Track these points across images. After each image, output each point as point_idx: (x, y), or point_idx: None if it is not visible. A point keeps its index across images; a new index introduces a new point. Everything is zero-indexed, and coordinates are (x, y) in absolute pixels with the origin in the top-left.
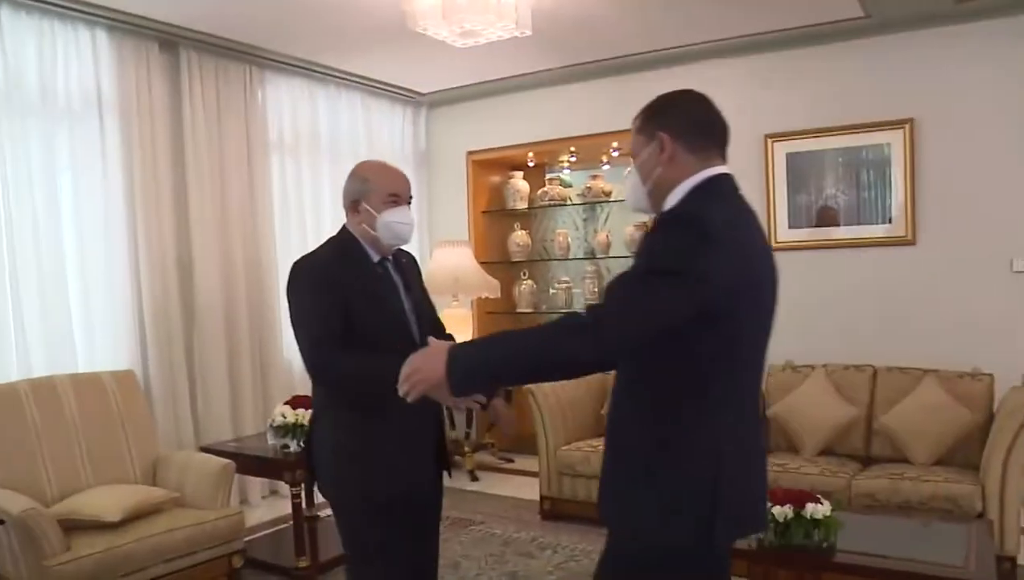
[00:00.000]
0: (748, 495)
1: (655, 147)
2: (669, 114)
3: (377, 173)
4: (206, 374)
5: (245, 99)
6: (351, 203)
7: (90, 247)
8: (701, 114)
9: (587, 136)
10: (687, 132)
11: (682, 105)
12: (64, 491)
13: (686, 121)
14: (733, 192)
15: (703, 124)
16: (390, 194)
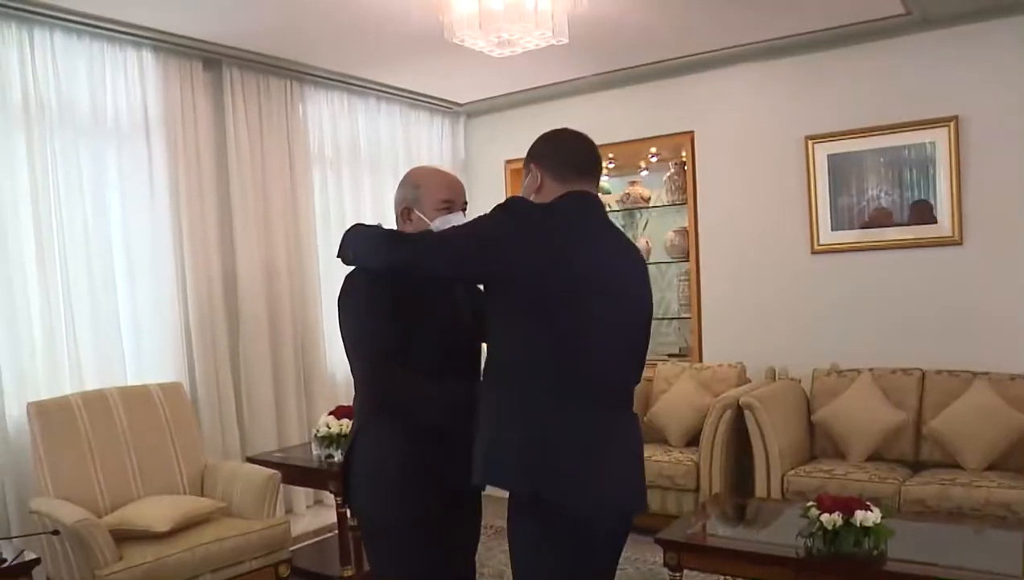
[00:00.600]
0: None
1: (530, 176)
2: (542, 148)
3: (428, 178)
4: (251, 385)
5: (286, 113)
6: (402, 211)
7: (138, 262)
8: (567, 150)
9: (625, 142)
10: (554, 165)
11: (553, 143)
12: (115, 501)
13: (554, 156)
14: (578, 204)
15: (568, 158)
16: (443, 200)
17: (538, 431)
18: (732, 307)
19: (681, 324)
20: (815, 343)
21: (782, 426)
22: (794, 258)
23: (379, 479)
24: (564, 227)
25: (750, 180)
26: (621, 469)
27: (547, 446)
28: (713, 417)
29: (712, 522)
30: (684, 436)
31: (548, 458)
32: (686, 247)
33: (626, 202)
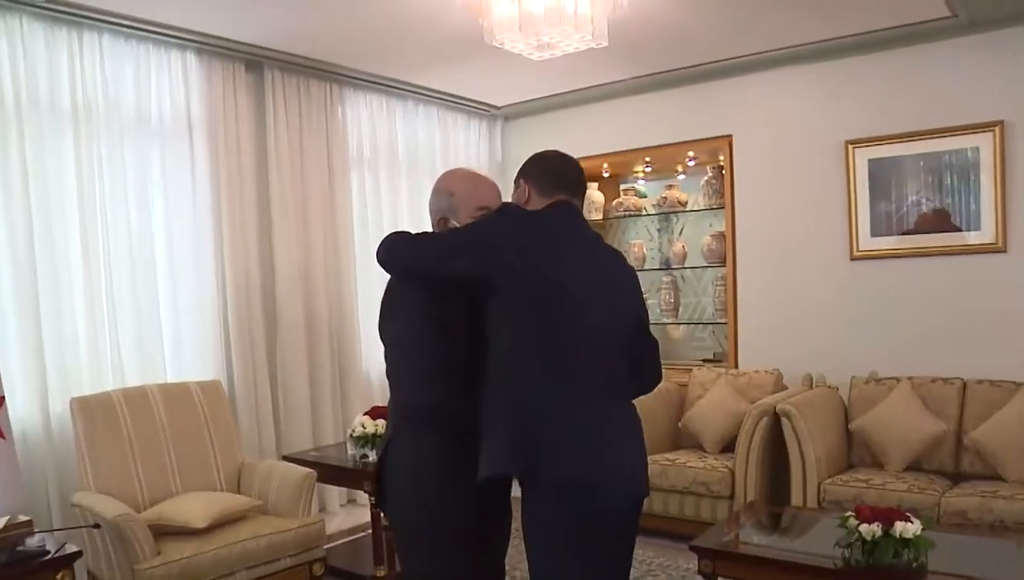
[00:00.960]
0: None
1: (519, 190)
2: (530, 165)
3: (462, 185)
4: (287, 384)
5: (326, 115)
6: (439, 221)
7: (179, 261)
8: (552, 168)
9: (662, 146)
10: (540, 181)
11: (542, 158)
12: (154, 496)
13: (540, 173)
14: (563, 212)
15: (552, 175)
16: (479, 207)
17: (539, 416)
18: (769, 313)
19: (716, 329)
20: (853, 350)
21: (819, 434)
22: (833, 264)
23: (414, 486)
24: (556, 229)
25: (789, 184)
26: (621, 449)
27: (549, 426)
28: (749, 424)
29: (747, 530)
30: (719, 442)
31: (549, 438)
32: (723, 251)
33: (663, 206)
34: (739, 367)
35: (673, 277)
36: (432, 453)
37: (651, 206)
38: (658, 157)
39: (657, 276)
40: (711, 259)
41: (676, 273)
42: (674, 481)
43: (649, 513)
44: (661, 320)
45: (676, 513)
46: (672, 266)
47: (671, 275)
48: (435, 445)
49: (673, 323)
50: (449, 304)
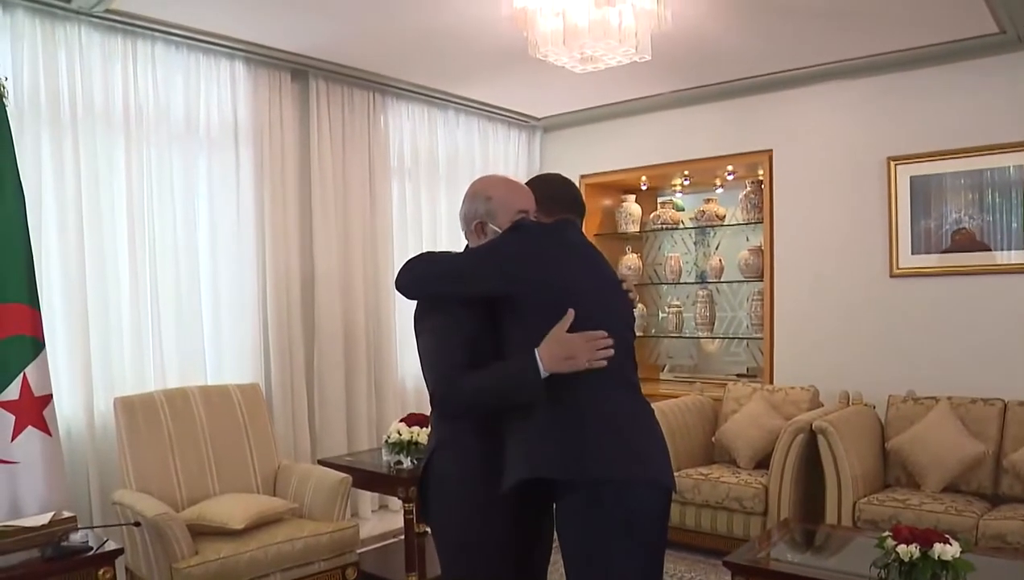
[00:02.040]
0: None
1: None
2: (536, 192)
3: (501, 190)
4: (324, 389)
5: (369, 125)
6: (476, 226)
7: (222, 266)
8: (558, 190)
9: (701, 160)
10: (547, 202)
11: (545, 183)
12: (192, 497)
13: (546, 196)
14: (567, 225)
15: (557, 199)
16: (519, 211)
17: (573, 421)
18: (806, 329)
19: (751, 344)
20: (891, 369)
21: (855, 452)
22: (872, 281)
23: (458, 496)
24: (569, 241)
25: (829, 200)
26: (651, 444)
27: (584, 430)
28: (785, 440)
29: (780, 547)
30: (753, 458)
31: (586, 441)
32: (760, 266)
33: (700, 220)
34: (774, 383)
35: (709, 291)
36: (475, 464)
37: (688, 219)
38: (697, 170)
39: (693, 289)
40: (748, 273)
41: (712, 287)
42: (707, 496)
43: (681, 527)
44: (696, 334)
45: (709, 528)
46: (708, 280)
47: (707, 289)
48: (478, 456)
49: (708, 337)
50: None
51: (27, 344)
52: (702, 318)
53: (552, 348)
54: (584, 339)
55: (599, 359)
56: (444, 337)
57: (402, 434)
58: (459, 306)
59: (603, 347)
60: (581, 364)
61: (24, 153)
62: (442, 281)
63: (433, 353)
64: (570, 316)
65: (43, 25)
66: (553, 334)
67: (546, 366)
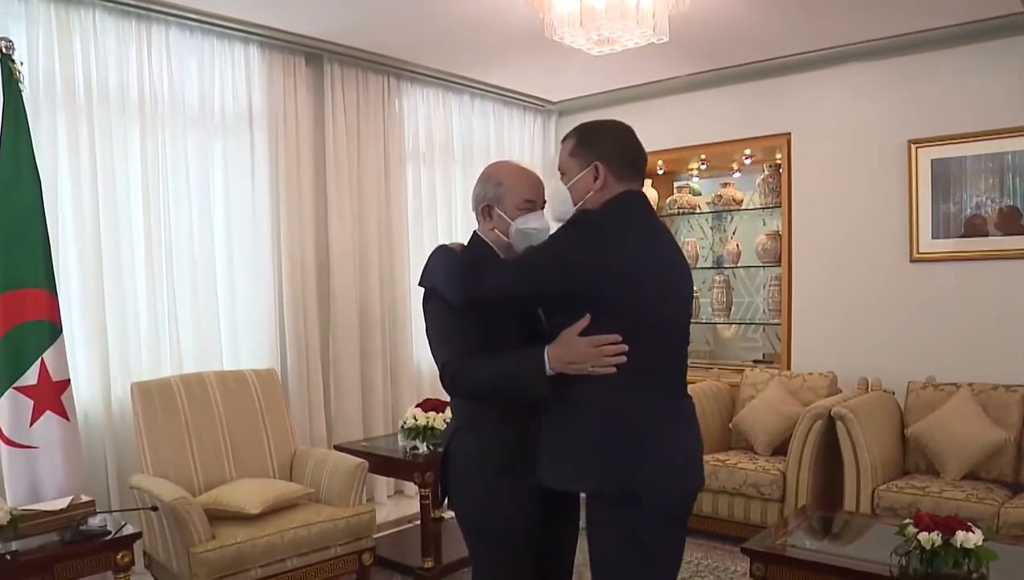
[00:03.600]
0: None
1: (589, 173)
2: (604, 144)
3: (512, 176)
4: (339, 375)
5: (383, 109)
6: (483, 208)
7: (238, 252)
8: (631, 146)
9: (719, 143)
10: (619, 162)
11: (615, 136)
12: (209, 481)
13: (619, 152)
14: (639, 207)
15: (632, 155)
16: (526, 200)
17: (634, 433)
18: (824, 314)
19: (768, 329)
20: (911, 354)
21: (874, 439)
22: (892, 266)
23: (480, 479)
24: (632, 232)
25: (848, 184)
26: (695, 452)
27: (643, 445)
28: (803, 426)
29: (798, 534)
30: (771, 444)
31: (644, 455)
32: (778, 251)
33: (717, 204)
34: (792, 369)
35: (726, 276)
36: (497, 446)
37: (705, 204)
38: (714, 154)
39: (709, 275)
40: (765, 258)
41: (728, 272)
42: (724, 482)
43: (698, 514)
44: (713, 319)
45: (725, 515)
46: (725, 265)
47: (723, 274)
48: (500, 438)
49: (725, 323)
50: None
51: (45, 329)
52: (719, 303)
53: (559, 350)
54: (591, 344)
55: (608, 365)
56: (456, 317)
57: (418, 419)
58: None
59: (612, 354)
60: (586, 370)
61: (40, 139)
62: (512, 290)
63: (442, 332)
64: (584, 321)
65: (58, 10)
66: (563, 336)
67: (552, 366)
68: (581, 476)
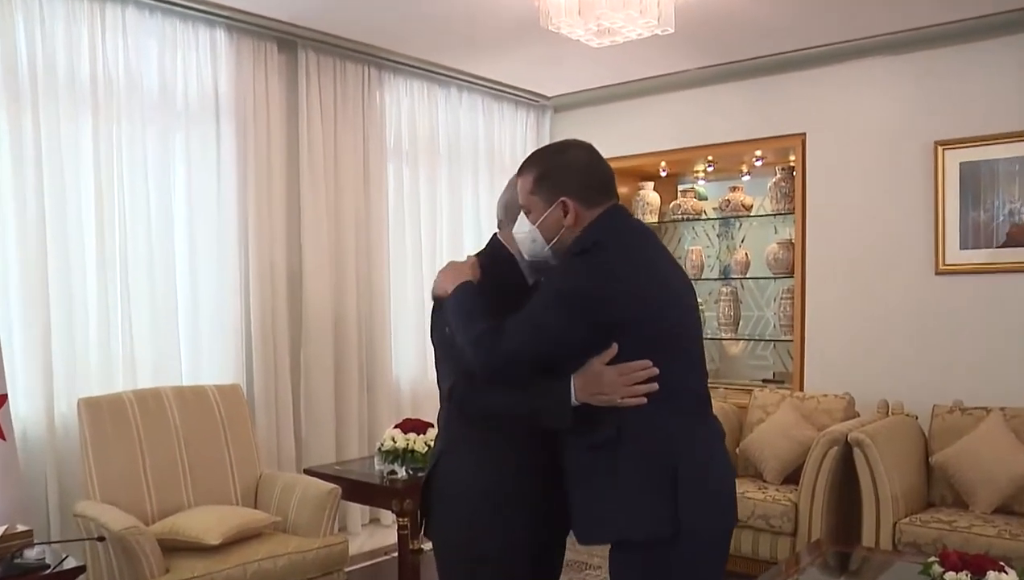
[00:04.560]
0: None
1: (557, 210)
2: (566, 177)
3: None
4: (311, 391)
5: (363, 101)
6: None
7: (200, 254)
8: (595, 171)
9: (727, 144)
10: (587, 191)
11: (577, 166)
12: (164, 508)
13: (584, 181)
14: (624, 218)
15: (598, 180)
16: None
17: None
18: (841, 330)
19: (780, 346)
20: (936, 375)
21: (896, 467)
22: (915, 278)
23: (469, 506)
24: (632, 246)
25: (868, 189)
26: (731, 485)
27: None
28: (817, 453)
29: (811, 572)
30: (781, 472)
31: (683, 491)
32: (790, 261)
33: (724, 210)
34: (805, 390)
35: (733, 288)
36: (488, 470)
37: (712, 209)
38: (721, 156)
39: (716, 286)
40: (777, 269)
41: (736, 283)
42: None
43: None
44: (719, 335)
45: (732, 549)
46: (732, 276)
47: (731, 286)
48: (491, 461)
49: (732, 339)
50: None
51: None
52: (725, 318)
53: (586, 380)
54: (619, 373)
55: (638, 395)
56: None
57: (397, 441)
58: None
59: (642, 381)
60: (615, 401)
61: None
62: (537, 348)
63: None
64: (612, 350)
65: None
66: (590, 366)
67: (578, 396)
68: (631, 526)
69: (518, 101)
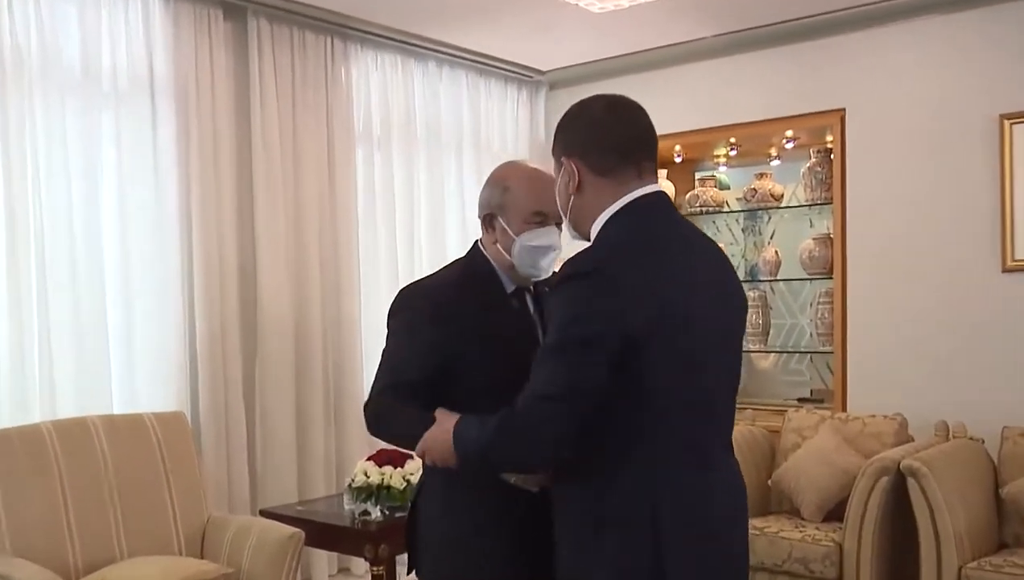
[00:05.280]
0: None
1: (563, 174)
2: (574, 129)
3: (521, 181)
4: (268, 418)
5: (326, 78)
6: (486, 217)
7: (135, 258)
8: (612, 122)
9: (752, 123)
10: (595, 149)
11: (584, 119)
12: (92, 561)
13: (594, 135)
14: (653, 215)
15: (613, 140)
16: (535, 212)
17: (680, 533)
18: (889, 339)
19: (818, 359)
20: (1005, 392)
21: (959, 501)
22: (978, 277)
23: (448, 549)
24: (661, 263)
25: (920, 172)
26: (743, 533)
27: (686, 547)
28: (864, 484)
29: None
30: (822, 508)
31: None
32: (829, 260)
33: (750, 200)
34: (848, 410)
35: (762, 292)
36: (467, 508)
37: (735, 200)
38: (746, 138)
39: None
40: (813, 270)
41: (766, 286)
42: (763, 556)
43: None
44: (746, 347)
45: None
46: (761, 277)
47: (759, 289)
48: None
49: (761, 351)
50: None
51: None
52: (753, 326)
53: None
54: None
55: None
56: (398, 345)
57: (370, 476)
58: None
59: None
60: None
61: None
62: (567, 426)
63: (386, 353)
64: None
65: None
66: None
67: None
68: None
69: (507, 77)
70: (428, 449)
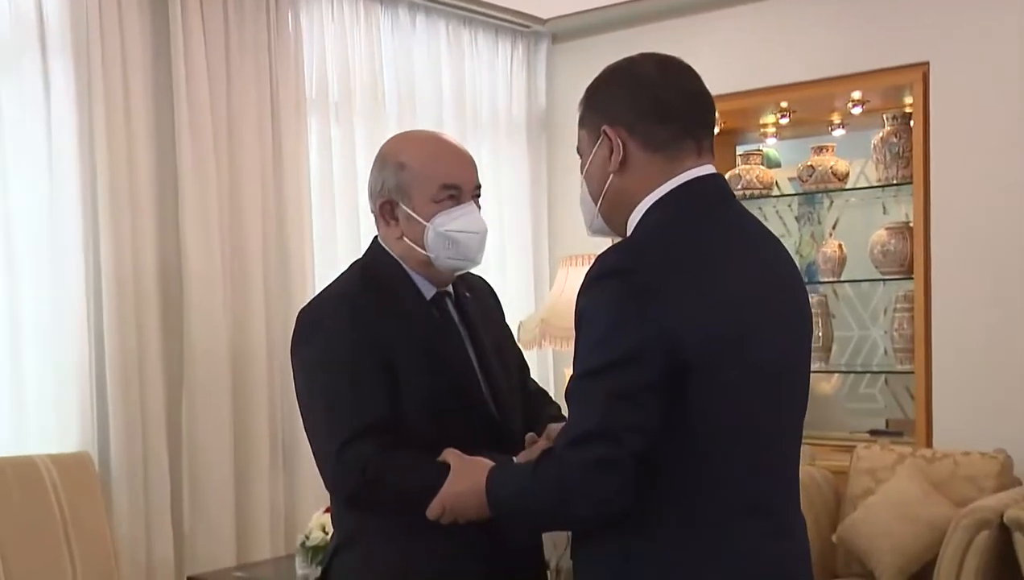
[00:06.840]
0: None
1: (602, 148)
2: (614, 94)
3: (419, 153)
4: (199, 460)
5: (269, 31)
6: (382, 206)
7: (23, 260)
8: (659, 89)
9: (805, 83)
10: (644, 121)
11: (632, 77)
12: None
13: (641, 105)
14: (711, 205)
15: (664, 106)
16: (444, 186)
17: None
18: (986, 356)
19: (894, 381)
20: None
21: None
22: None
23: None
24: (717, 268)
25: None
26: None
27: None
28: (958, 540)
29: None
30: (903, 571)
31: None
32: (908, 255)
33: (807, 181)
34: (934, 445)
35: (822, 296)
36: (394, 569)
37: (788, 181)
38: (800, 102)
39: None
40: (887, 268)
41: (827, 289)
42: None
43: None
44: None
45: None
46: (820, 278)
47: (818, 293)
48: (398, 557)
49: (822, 371)
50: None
51: None
52: (812, 339)
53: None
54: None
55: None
56: (334, 380)
57: (327, 531)
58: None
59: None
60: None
61: None
62: (621, 460)
63: (323, 409)
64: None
65: None
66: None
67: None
68: None
69: (499, 27)
70: (451, 508)
